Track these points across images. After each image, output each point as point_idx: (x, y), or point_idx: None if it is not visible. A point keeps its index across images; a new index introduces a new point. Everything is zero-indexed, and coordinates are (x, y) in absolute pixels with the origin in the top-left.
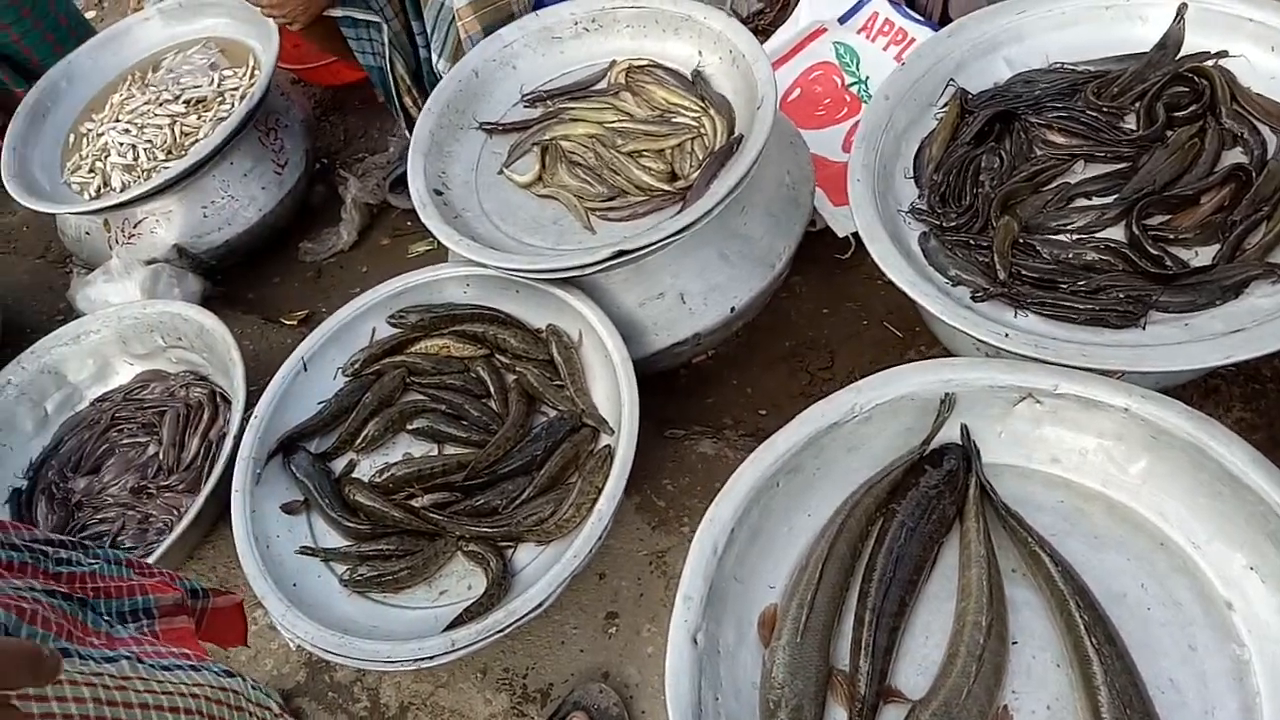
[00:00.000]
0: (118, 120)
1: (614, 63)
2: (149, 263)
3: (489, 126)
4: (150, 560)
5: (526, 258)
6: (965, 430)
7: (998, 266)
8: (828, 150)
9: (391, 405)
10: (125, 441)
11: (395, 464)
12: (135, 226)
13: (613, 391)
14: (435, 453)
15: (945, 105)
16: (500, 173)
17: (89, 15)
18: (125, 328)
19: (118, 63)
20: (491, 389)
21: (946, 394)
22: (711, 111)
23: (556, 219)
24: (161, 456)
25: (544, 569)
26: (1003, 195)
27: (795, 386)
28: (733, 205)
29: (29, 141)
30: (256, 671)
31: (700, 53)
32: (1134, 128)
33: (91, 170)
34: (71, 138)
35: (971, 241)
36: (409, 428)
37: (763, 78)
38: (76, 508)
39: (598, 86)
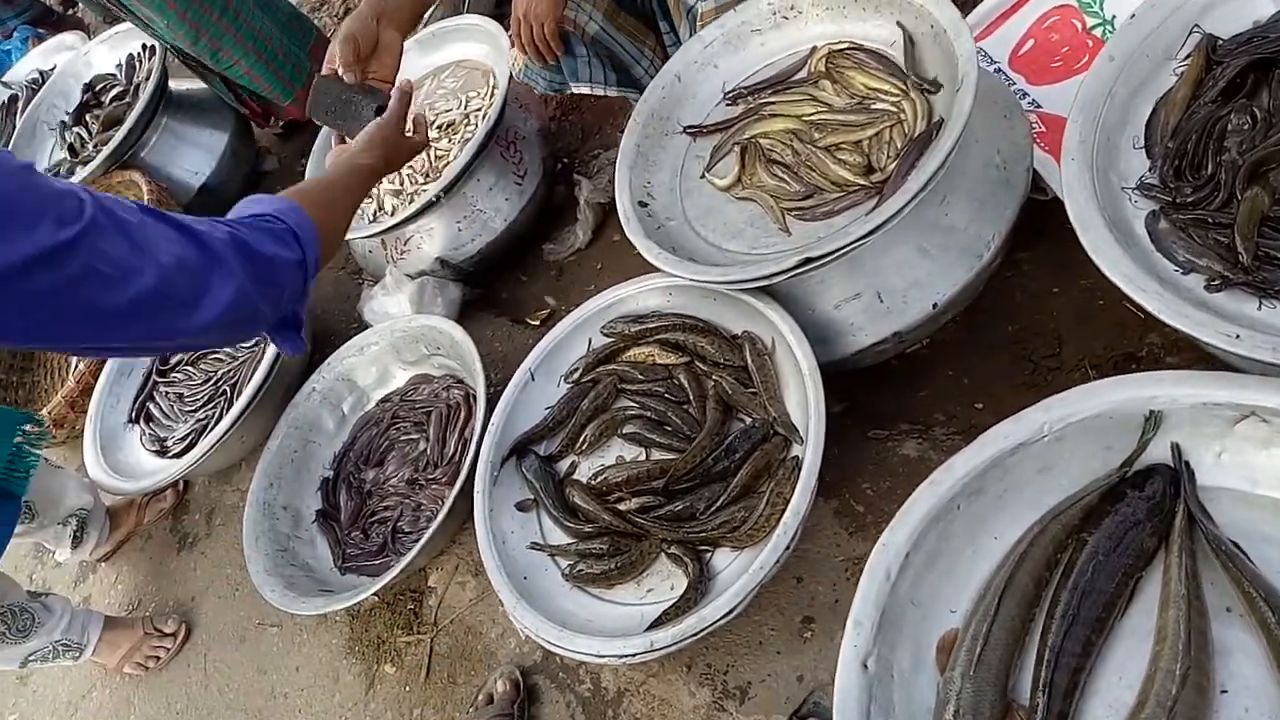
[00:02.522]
0: None
1: (814, 49)
2: (418, 274)
3: (692, 130)
4: (416, 546)
5: (719, 269)
6: (1176, 449)
7: (1240, 249)
8: (1064, 107)
9: (606, 411)
10: (402, 438)
11: (610, 467)
12: (405, 244)
13: (804, 399)
14: (643, 457)
15: (1187, 58)
16: (703, 176)
17: None
18: (397, 339)
19: None
20: (691, 396)
21: (1151, 412)
22: (912, 94)
23: (753, 221)
24: (428, 452)
25: (738, 574)
26: (1253, 162)
27: (1018, 376)
28: (930, 197)
29: (322, 172)
30: (503, 649)
31: (901, 27)
32: None
33: (370, 196)
34: None
35: (1210, 220)
36: (621, 433)
37: (964, 54)
38: (368, 495)
39: (797, 76)
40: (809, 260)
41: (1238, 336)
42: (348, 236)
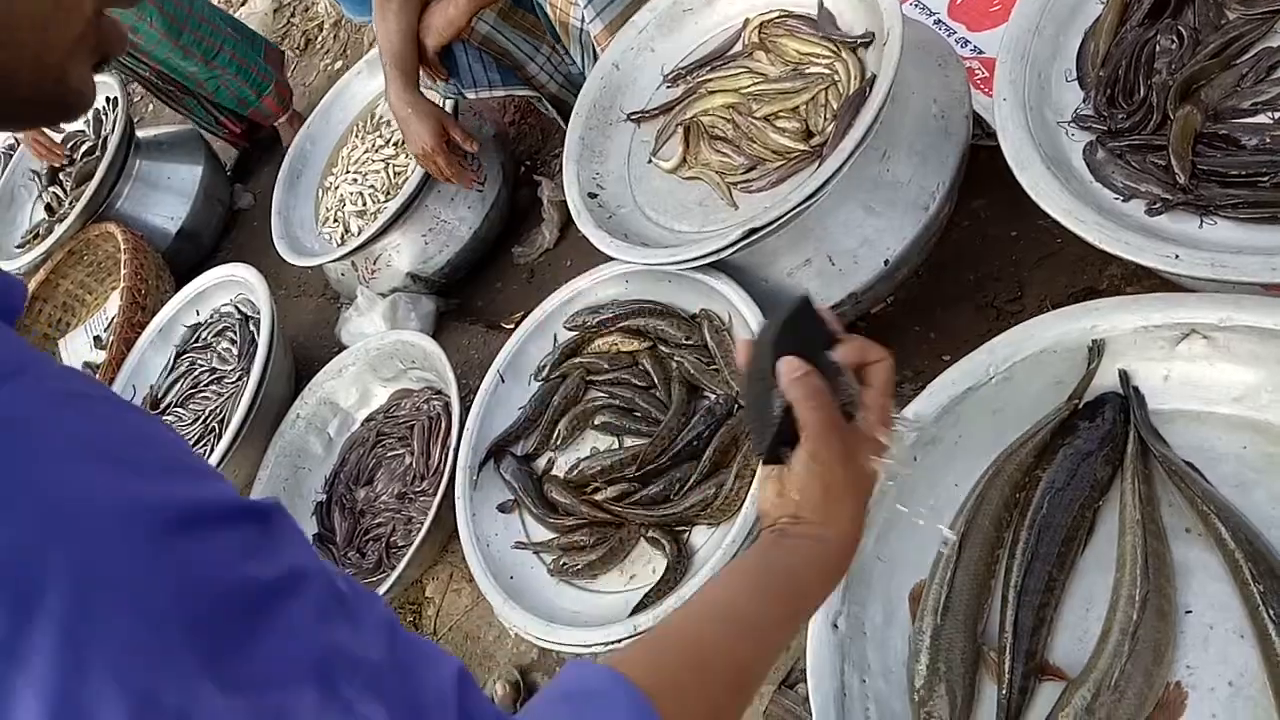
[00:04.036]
0: (347, 172)
1: (746, 21)
2: (391, 292)
3: (635, 116)
4: (406, 556)
5: (667, 250)
6: (1123, 376)
7: (1176, 169)
8: None
9: (577, 404)
10: (389, 454)
11: (585, 459)
12: (375, 263)
13: None
14: (617, 446)
15: None
16: (650, 161)
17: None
18: (373, 357)
19: (343, 118)
20: (656, 380)
21: (1094, 341)
22: (844, 54)
23: (702, 200)
24: (414, 465)
25: (714, 550)
26: (1183, 81)
27: (982, 325)
28: (869, 154)
29: (289, 204)
30: (501, 650)
31: None
32: None
33: (335, 220)
34: (319, 193)
35: (1146, 144)
36: (593, 424)
37: (886, 6)
38: (361, 514)
39: (733, 51)
40: (753, 231)
41: (1177, 257)
42: (313, 265)
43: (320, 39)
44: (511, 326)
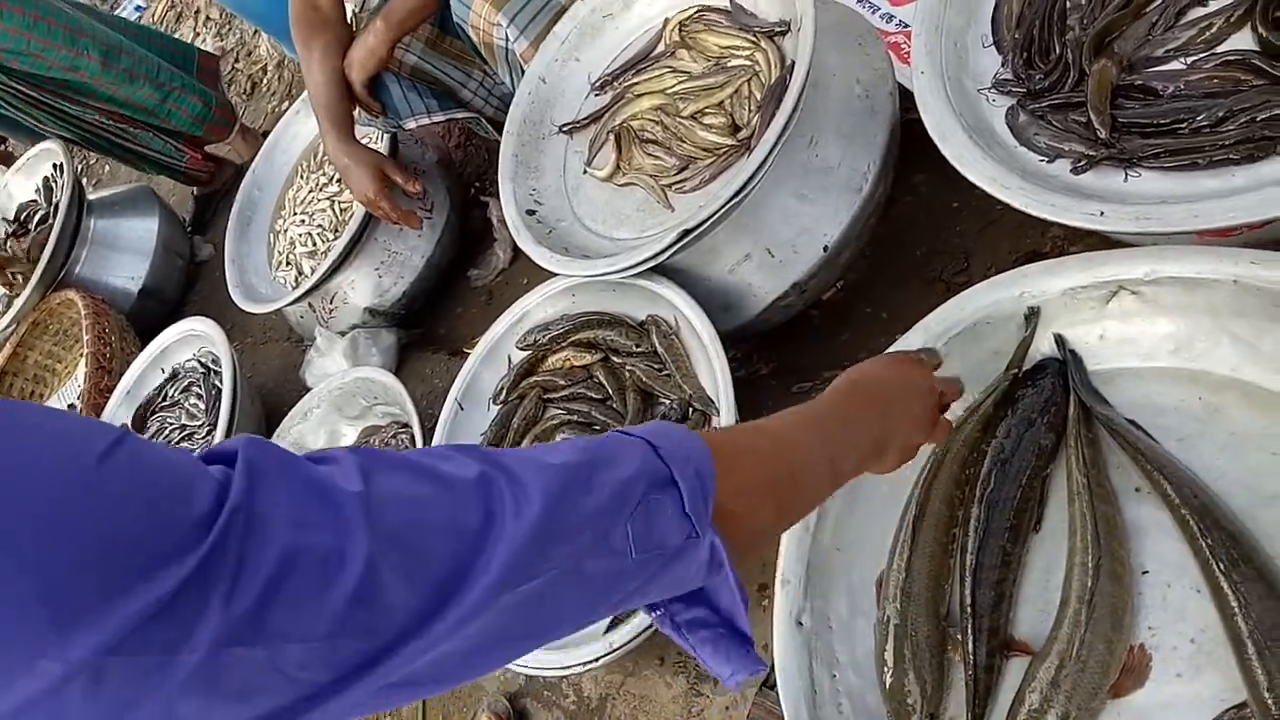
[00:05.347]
0: (295, 213)
1: (666, 21)
2: (350, 329)
3: (566, 127)
4: None
5: (605, 260)
6: (1059, 340)
7: (1096, 124)
8: None
9: (538, 423)
10: None
11: None
12: (331, 302)
13: (712, 370)
14: None
15: None
16: (585, 172)
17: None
18: (335, 397)
19: (287, 160)
20: (610, 391)
21: (1030, 308)
22: (763, 43)
23: (640, 205)
24: None
25: None
26: (1096, 34)
27: (931, 300)
28: (795, 142)
29: (242, 251)
30: (489, 680)
31: None
32: None
33: (288, 263)
34: (271, 237)
35: (1065, 102)
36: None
37: None
38: None
39: (656, 51)
40: (687, 233)
41: (1102, 214)
42: (266, 311)
43: (266, 81)
44: (471, 351)
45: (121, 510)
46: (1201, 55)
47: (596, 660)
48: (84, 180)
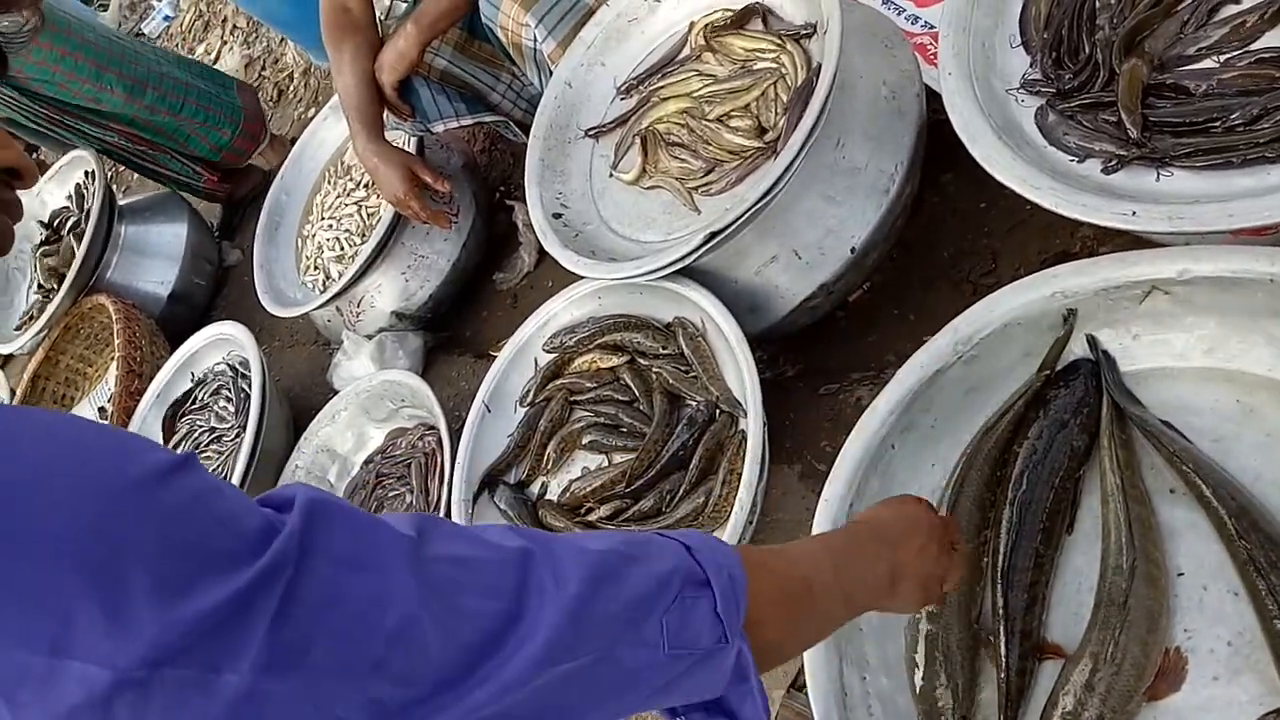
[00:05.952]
0: (322, 218)
1: (692, 24)
2: (378, 332)
3: (592, 131)
4: None
5: (633, 262)
6: (1091, 341)
7: (1127, 124)
8: None
9: (564, 426)
10: (390, 495)
11: (576, 480)
12: (358, 305)
13: (740, 372)
14: (606, 464)
15: None
16: (611, 175)
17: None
18: (363, 400)
19: (314, 165)
20: (637, 393)
21: (1067, 310)
22: (789, 46)
23: (666, 208)
24: (415, 502)
25: None
26: (1126, 33)
27: (959, 301)
28: (823, 144)
29: (270, 256)
30: None
31: None
32: None
33: (316, 267)
34: (299, 242)
35: (1096, 102)
36: (581, 444)
37: None
38: None
39: (681, 55)
40: (714, 235)
41: (1134, 213)
42: (296, 315)
43: (292, 88)
44: (497, 354)
45: (183, 520)
46: (1235, 53)
47: None
48: (114, 187)
